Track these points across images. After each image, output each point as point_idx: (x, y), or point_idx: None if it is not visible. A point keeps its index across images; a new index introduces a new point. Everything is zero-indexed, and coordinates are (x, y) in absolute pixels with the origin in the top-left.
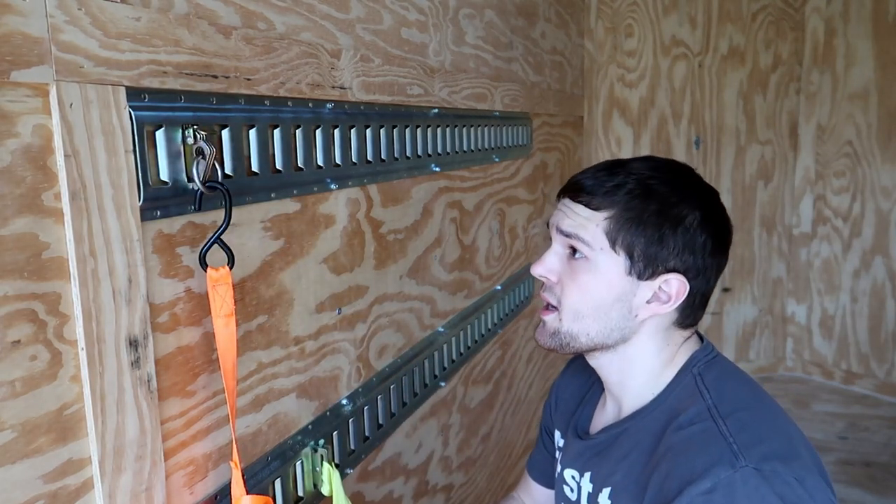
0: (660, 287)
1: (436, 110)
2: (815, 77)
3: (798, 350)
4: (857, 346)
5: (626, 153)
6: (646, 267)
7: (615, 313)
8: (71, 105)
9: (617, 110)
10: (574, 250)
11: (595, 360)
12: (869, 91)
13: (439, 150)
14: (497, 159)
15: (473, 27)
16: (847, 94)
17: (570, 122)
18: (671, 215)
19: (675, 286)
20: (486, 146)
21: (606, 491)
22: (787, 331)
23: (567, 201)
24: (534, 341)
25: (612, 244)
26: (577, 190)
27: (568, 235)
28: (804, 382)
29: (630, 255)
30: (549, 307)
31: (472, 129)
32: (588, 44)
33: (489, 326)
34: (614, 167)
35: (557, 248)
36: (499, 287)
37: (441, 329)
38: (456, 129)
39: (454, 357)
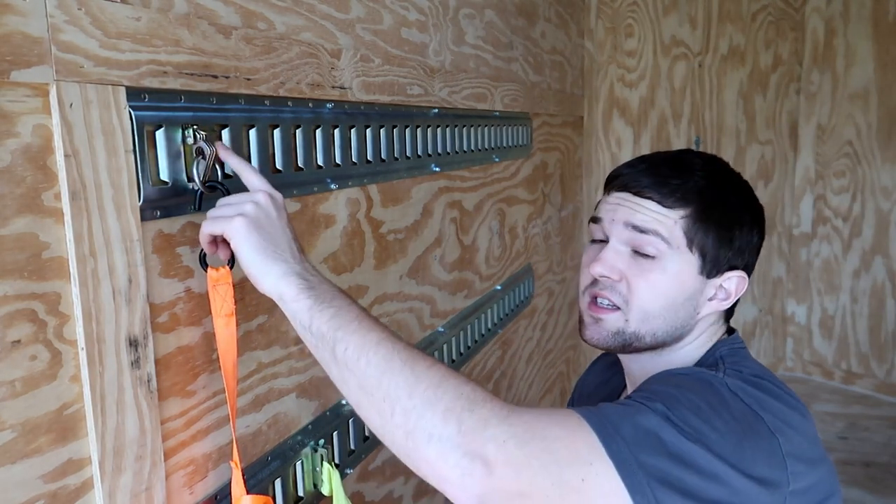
0: (721, 285)
1: (436, 110)
2: (815, 77)
3: (798, 350)
4: (857, 346)
5: (626, 153)
6: (714, 266)
7: (683, 312)
8: (71, 105)
9: (617, 110)
10: (636, 247)
11: (637, 360)
12: (869, 91)
13: (439, 150)
14: (497, 159)
15: (473, 27)
16: (847, 94)
17: (570, 122)
18: (737, 214)
19: (735, 283)
20: (486, 146)
21: None
22: (787, 331)
23: (630, 196)
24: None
25: (690, 243)
26: (646, 186)
27: (644, 231)
28: (804, 382)
29: (703, 255)
30: (611, 306)
31: (472, 129)
32: (588, 44)
33: (489, 326)
34: (677, 164)
35: (618, 246)
36: (499, 287)
37: (441, 329)
38: (456, 129)
39: (454, 357)
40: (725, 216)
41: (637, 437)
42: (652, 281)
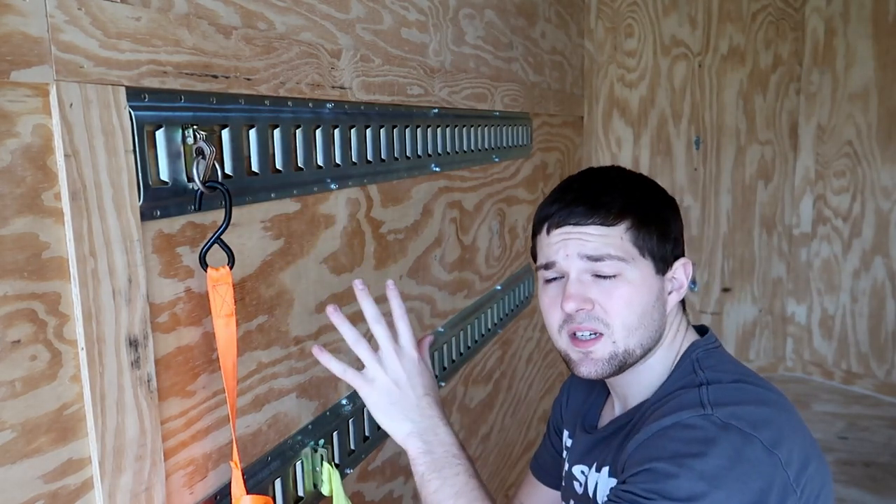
0: (672, 277)
1: (436, 110)
2: (815, 77)
3: (798, 350)
4: (857, 346)
5: (626, 153)
6: (664, 262)
7: (657, 314)
8: (71, 105)
9: (617, 110)
10: (595, 272)
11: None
12: (869, 91)
13: (439, 150)
14: (497, 159)
15: (473, 27)
16: (847, 94)
17: (570, 122)
18: (663, 209)
19: (681, 270)
20: (486, 146)
21: (605, 469)
22: (787, 331)
23: (571, 228)
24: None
25: (641, 251)
26: (583, 213)
27: (598, 259)
28: (804, 382)
29: (653, 256)
30: (593, 336)
31: (472, 129)
32: (588, 44)
33: (489, 326)
34: (599, 183)
35: (581, 277)
36: (499, 287)
37: (441, 329)
38: (456, 129)
39: (454, 357)
40: (658, 214)
41: None
42: (621, 296)
